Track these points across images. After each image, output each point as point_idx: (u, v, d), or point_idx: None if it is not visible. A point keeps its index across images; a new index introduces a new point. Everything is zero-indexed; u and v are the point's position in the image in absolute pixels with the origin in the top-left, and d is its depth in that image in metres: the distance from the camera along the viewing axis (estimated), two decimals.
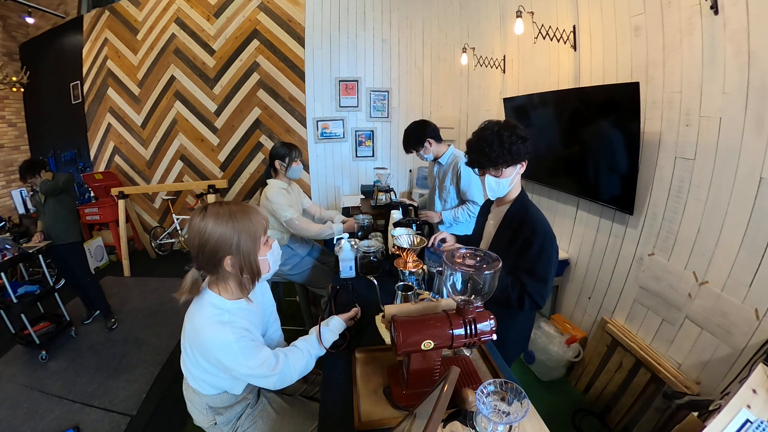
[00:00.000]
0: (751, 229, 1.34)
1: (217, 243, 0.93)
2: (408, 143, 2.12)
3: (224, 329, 0.94)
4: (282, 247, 2.15)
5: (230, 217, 0.94)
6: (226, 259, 0.95)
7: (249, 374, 0.97)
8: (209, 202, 1.01)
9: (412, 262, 1.42)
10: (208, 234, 0.93)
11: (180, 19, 3.95)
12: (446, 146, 2.17)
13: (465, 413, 0.88)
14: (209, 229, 0.93)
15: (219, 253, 0.94)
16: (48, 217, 2.65)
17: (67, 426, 1.91)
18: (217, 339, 0.93)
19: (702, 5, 1.42)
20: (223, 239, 0.93)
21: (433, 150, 2.12)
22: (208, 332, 0.93)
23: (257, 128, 4.07)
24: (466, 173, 2.04)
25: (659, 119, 1.68)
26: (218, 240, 0.93)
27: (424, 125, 2.11)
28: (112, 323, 2.85)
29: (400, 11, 3.78)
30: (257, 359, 0.96)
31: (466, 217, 2.08)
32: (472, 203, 2.08)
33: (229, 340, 0.93)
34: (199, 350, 0.97)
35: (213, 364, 0.97)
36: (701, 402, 1.40)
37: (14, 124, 4.74)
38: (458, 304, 0.93)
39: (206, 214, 0.94)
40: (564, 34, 2.19)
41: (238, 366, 0.95)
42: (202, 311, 0.97)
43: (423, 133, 2.08)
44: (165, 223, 4.52)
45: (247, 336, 0.97)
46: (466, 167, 1.99)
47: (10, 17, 4.56)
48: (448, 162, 2.14)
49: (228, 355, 0.93)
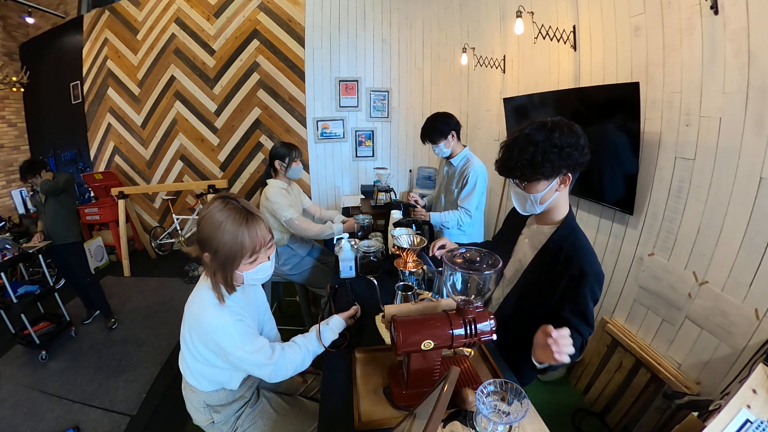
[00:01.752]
0: (751, 229, 1.34)
1: (206, 235, 0.96)
2: (432, 131, 1.99)
3: (222, 312, 0.97)
4: (282, 247, 2.15)
5: (233, 221, 0.95)
6: (205, 254, 0.98)
7: (245, 359, 0.98)
8: (233, 195, 1.01)
9: (412, 262, 1.42)
10: (206, 222, 0.95)
11: (180, 19, 3.95)
12: (462, 146, 2.09)
13: (465, 413, 0.88)
14: (210, 218, 0.95)
15: (204, 245, 0.97)
16: (48, 217, 2.65)
17: (67, 426, 1.91)
18: (216, 321, 0.96)
19: (702, 5, 1.42)
20: (212, 236, 0.95)
21: (452, 146, 2.04)
22: (206, 314, 0.96)
23: (257, 128, 4.07)
24: (472, 179, 1.96)
25: (659, 119, 1.68)
26: (208, 234, 0.95)
27: (451, 117, 2.02)
28: (112, 323, 2.85)
29: (400, 11, 3.78)
30: (254, 345, 1.00)
31: (454, 224, 1.99)
32: (465, 211, 1.99)
33: (226, 322, 0.96)
34: (198, 335, 0.98)
35: (211, 349, 0.99)
36: (701, 402, 1.40)
37: (14, 124, 4.74)
38: (458, 304, 0.93)
39: (226, 206, 0.96)
40: (564, 34, 2.19)
41: (234, 348, 0.97)
42: (201, 295, 1.00)
43: (449, 124, 1.99)
44: (165, 223, 4.52)
45: (243, 321, 1.00)
46: (475, 174, 1.95)
47: (10, 17, 4.56)
48: (461, 164, 2.06)
49: (225, 336, 0.96)
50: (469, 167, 1.99)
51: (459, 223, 2.01)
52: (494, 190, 3.32)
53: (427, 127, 2.02)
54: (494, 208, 3.32)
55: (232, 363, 1.01)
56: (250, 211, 0.98)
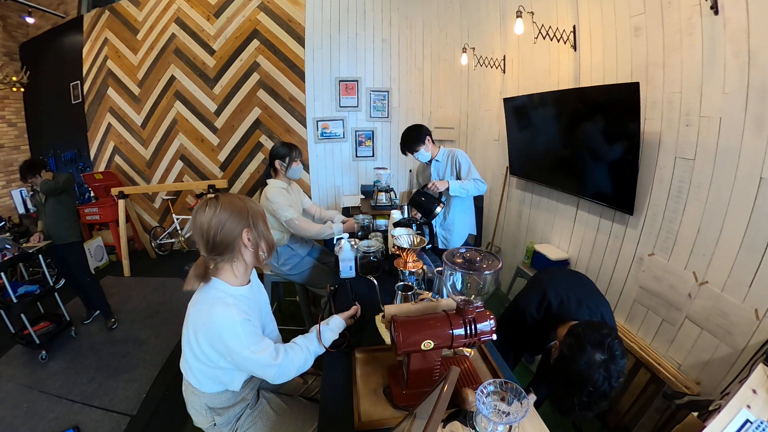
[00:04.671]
0: (751, 229, 1.34)
1: (234, 221, 1.00)
2: (411, 141, 2.21)
3: (229, 310, 0.97)
4: (282, 247, 2.15)
5: (239, 200, 1.04)
6: (244, 232, 1.01)
7: (250, 358, 0.98)
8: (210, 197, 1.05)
9: (412, 262, 1.42)
10: (225, 215, 0.99)
11: (180, 19, 3.95)
12: (438, 147, 2.31)
13: (465, 413, 0.88)
14: (224, 211, 0.99)
15: (236, 230, 1.01)
16: (48, 216, 2.65)
17: (67, 426, 1.91)
18: (223, 319, 0.96)
19: (702, 5, 1.42)
20: (240, 216, 1.01)
21: (431, 149, 2.25)
22: (213, 312, 0.96)
23: (257, 128, 4.07)
24: (463, 159, 2.21)
25: (659, 119, 1.68)
26: (235, 218, 1.00)
27: (421, 125, 2.27)
28: (112, 323, 2.85)
29: (400, 11, 3.78)
30: (259, 345, 1.00)
31: (473, 189, 2.16)
32: (478, 180, 2.18)
33: (234, 320, 0.96)
34: (204, 333, 0.98)
35: (217, 348, 0.98)
36: (701, 402, 1.40)
37: (14, 124, 4.74)
38: (458, 304, 0.93)
39: (218, 201, 1.01)
40: (564, 34, 2.19)
41: (240, 348, 0.96)
42: (208, 294, 1.01)
43: (422, 131, 2.22)
44: (165, 223, 4.52)
45: (250, 321, 1.01)
46: (462, 155, 2.21)
47: (10, 17, 4.56)
48: (446, 157, 2.27)
49: (232, 334, 0.96)
50: (454, 153, 2.24)
51: (477, 188, 2.17)
52: (494, 190, 3.32)
53: (405, 139, 2.24)
54: (494, 208, 3.32)
55: (236, 363, 1.00)
56: (215, 197, 1.04)
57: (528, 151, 2.70)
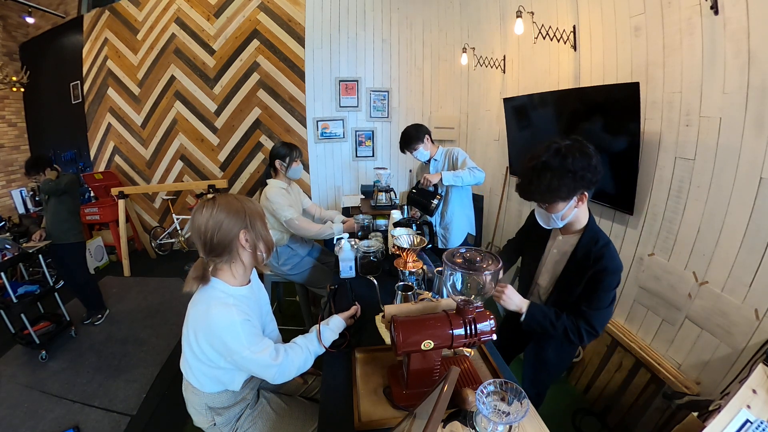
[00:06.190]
0: (751, 229, 1.34)
1: (231, 222, 1.00)
2: (410, 139, 2.21)
3: (229, 310, 0.97)
4: (282, 247, 2.15)
5: (237, 200, 1.04)
6: (241, 233, 1.01)
7: (251, 359, 0.98)
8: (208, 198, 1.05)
9: (412, 262, 1.42)
10: (222, 216, 0.99)
11: (180, 19, 3.95)
12: (437, 146, 2.31)
13: (465, 413, 0.88)
14: (221, 212, 0.99)
15: (233, 231, 1.01)
16: (49, 215, 2.67)
17: (67, 426, 1.91)
18: (223, 319, 0.96)
19: (702, 5, 1.42)
20: (237, 217, 1.01)
21: (429, 148, 2.24)
22: (213, 313, 0.96)
23: (257, 128, 4.07)
24: (461, 153, 2.20)
25: (659, 119, 1.68)
26: (232, 219, 1.00)
27: (420, 124, 2.27)
28: (98, 319, 2.90)
29: (400, 11, 3.78)
30: (259, 345, 1.00)
31: (468, 176, 2.07)
32: (474, 168, 2.11)
33: (234, 320, 0.96)
34: (204, 333, 0.98)
35: (216, 348, 0.98)
36: (701, 402, 1.40)
37: (14, 124, 4.74)
38: (458, 304, 0.93)
39: (215, 202, 1.01)
40: (564, 34, 2.19)
41: (240, 348, 0.96)
42: (208, 295, 1.01)
43: (421, 130, 2.22)
44: (165, 223, 4.52)
45: (250, 321, 1.01)
46: (461, 150, 2.22)
47: (10, 17, 4.56)
48: (443, 155, 2.27)
49: (232, 335, 0.96)
50: (452, 151, 2.24)
51: (474, 176, 2.08)
52: (494, 190, 3.32)
53: (405, 137, 2.24)
54: (494, 208, 3.32)
55: (236, 363, 1.00)
56: (213, 198, 1.04)
57: (528, 151, 2.70)
